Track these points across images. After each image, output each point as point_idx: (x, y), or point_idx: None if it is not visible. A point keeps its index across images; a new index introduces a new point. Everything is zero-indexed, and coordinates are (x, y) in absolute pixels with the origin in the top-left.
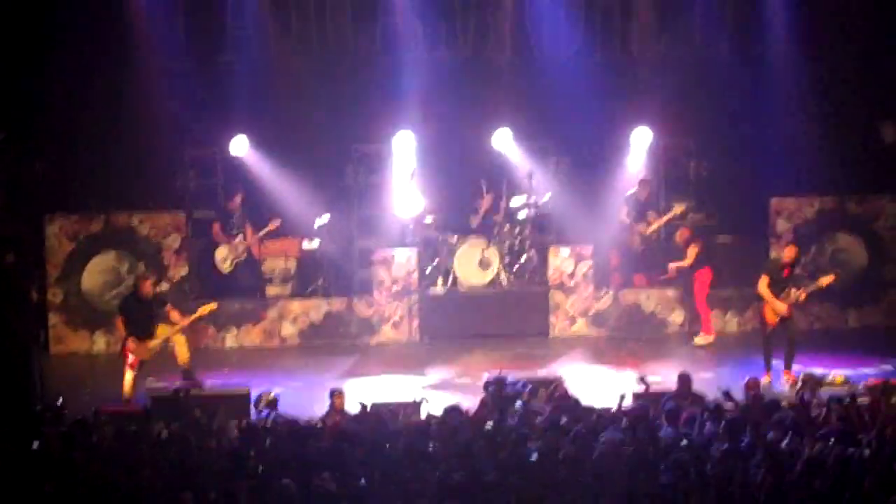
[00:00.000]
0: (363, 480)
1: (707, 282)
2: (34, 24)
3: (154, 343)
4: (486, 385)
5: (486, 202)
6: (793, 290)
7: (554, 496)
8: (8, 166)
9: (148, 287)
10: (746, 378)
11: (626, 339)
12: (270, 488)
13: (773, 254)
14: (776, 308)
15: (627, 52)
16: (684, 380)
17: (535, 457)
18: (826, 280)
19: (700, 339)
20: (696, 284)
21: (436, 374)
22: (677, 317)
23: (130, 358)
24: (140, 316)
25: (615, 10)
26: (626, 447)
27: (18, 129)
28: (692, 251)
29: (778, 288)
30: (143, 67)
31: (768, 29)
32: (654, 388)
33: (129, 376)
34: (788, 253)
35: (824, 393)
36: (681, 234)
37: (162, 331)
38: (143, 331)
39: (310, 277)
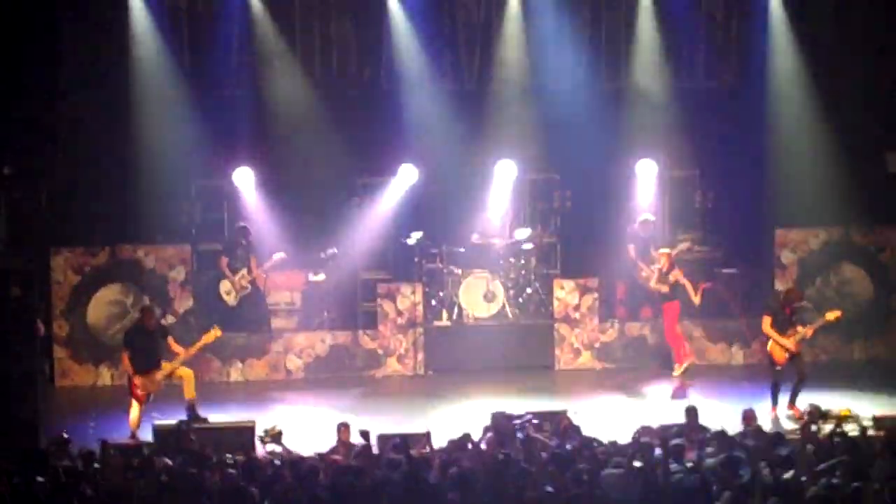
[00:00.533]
0: None
1: (676, 315)
2: (40, 59)
3: (160, 375)
4: (492, 418)
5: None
6: (799, 326)
7: None
8: (13, 200)
9: (153, 319)
10: (743, 410)
11: (631, 370)
12: None
13: (778, 286)
14: (784, 346)
15: (632, 83)
16: (691, 413)
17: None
18: (832, 315)
19: (677, 370)
20: (667, 318)
21: (441, 406)
22: None
23: (138, 392)
24: (145, 348)
25: (620, 41)
26: (630, 482)
27: (24, 162)
28: (677, 274)
29: (782, 326)
30: (148, 100)
31: (773, 60)
32: (662, 422)
33: (135, 410)
34: (789, 294)
35: (830, 426)
36: (663, 257)
37: (167, 363)
38: (148, 363)
39: (315, 310)
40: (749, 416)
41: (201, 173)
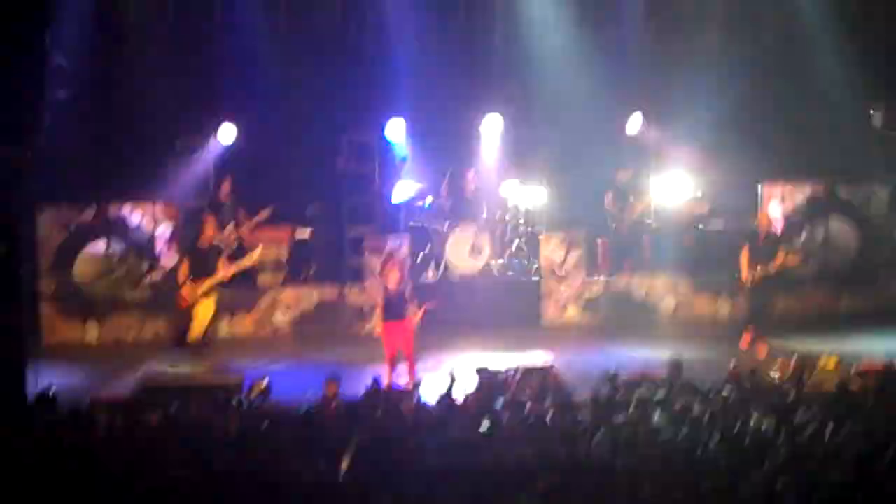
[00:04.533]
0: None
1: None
2: (23, 17)
3: (202, 289)
4: (476, 373)
5: (471, 182)
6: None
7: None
8: None
9: (210, 228)
10: (732, 362)
11: (617, 325)
12: (270, 473)
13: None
14: (742, 272)
15: (618, 37)
16: (675, 366)
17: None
18: (790, 259)
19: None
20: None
21: (427, 361)
22: (668, 302)
23: (182, 302)
24: (200, 259)
25: None
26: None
27: (9, 119)
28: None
29: (758, 257)
30: (132, 56)
31: (759, 13)
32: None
33: (196, 321)
34: (760, 221)
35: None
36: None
37: (207, 279)
38: (200, 273)
39: (301, 266)
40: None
41: (187, 129)
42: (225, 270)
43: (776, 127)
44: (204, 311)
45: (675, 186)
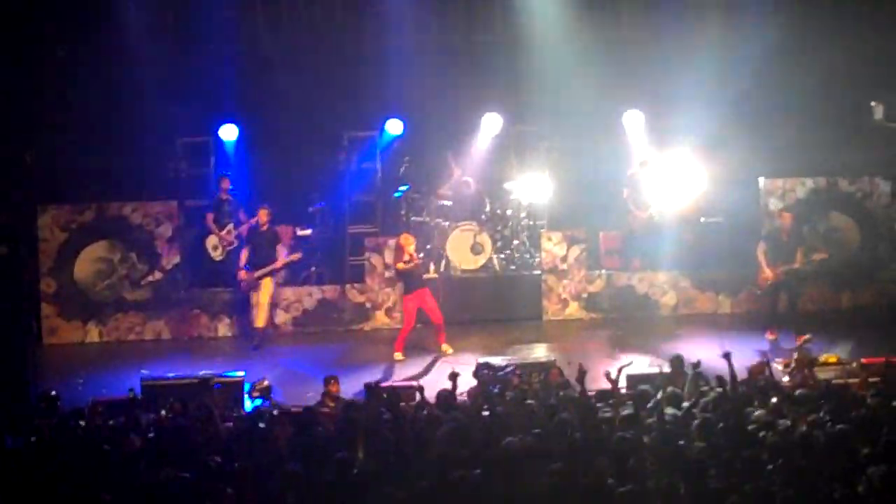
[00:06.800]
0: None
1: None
2: (23, 18)
3: (258, 274)
4: (477, 370)
5: (455, 174)
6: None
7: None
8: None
9: (264, 216)
10: (753, 362)
11: (619, 320)
12: (271, 474)
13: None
14: (763, 274)
15: (618, 32)
16: (677, 362)
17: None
18: (818, 256)
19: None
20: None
21: (429, 359)
22: (670, 299)
23: (242, 285)
24: (258, 245)
25: None
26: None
27: (9, 120)
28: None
29: (779, 254)
30: (132, 56)
31: (758, 7)
32: (648, 371)
33: (255, 310)
34: (783, 219)
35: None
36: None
37: (261, 269)
38: (257, 261)
39: (303, 264)
40: (756, 369)
41: (187, 129)
42: (276, 263)
43: (776, 121)
44: (263, 296)
45: (675, 182)
